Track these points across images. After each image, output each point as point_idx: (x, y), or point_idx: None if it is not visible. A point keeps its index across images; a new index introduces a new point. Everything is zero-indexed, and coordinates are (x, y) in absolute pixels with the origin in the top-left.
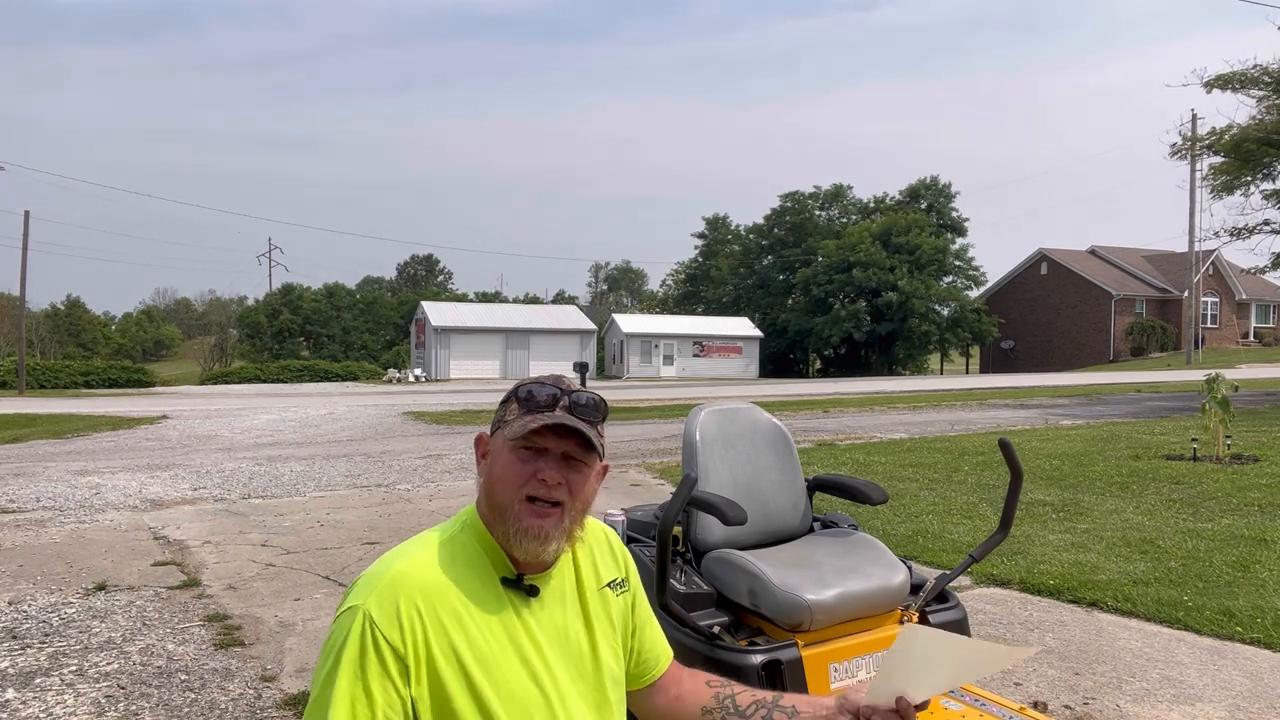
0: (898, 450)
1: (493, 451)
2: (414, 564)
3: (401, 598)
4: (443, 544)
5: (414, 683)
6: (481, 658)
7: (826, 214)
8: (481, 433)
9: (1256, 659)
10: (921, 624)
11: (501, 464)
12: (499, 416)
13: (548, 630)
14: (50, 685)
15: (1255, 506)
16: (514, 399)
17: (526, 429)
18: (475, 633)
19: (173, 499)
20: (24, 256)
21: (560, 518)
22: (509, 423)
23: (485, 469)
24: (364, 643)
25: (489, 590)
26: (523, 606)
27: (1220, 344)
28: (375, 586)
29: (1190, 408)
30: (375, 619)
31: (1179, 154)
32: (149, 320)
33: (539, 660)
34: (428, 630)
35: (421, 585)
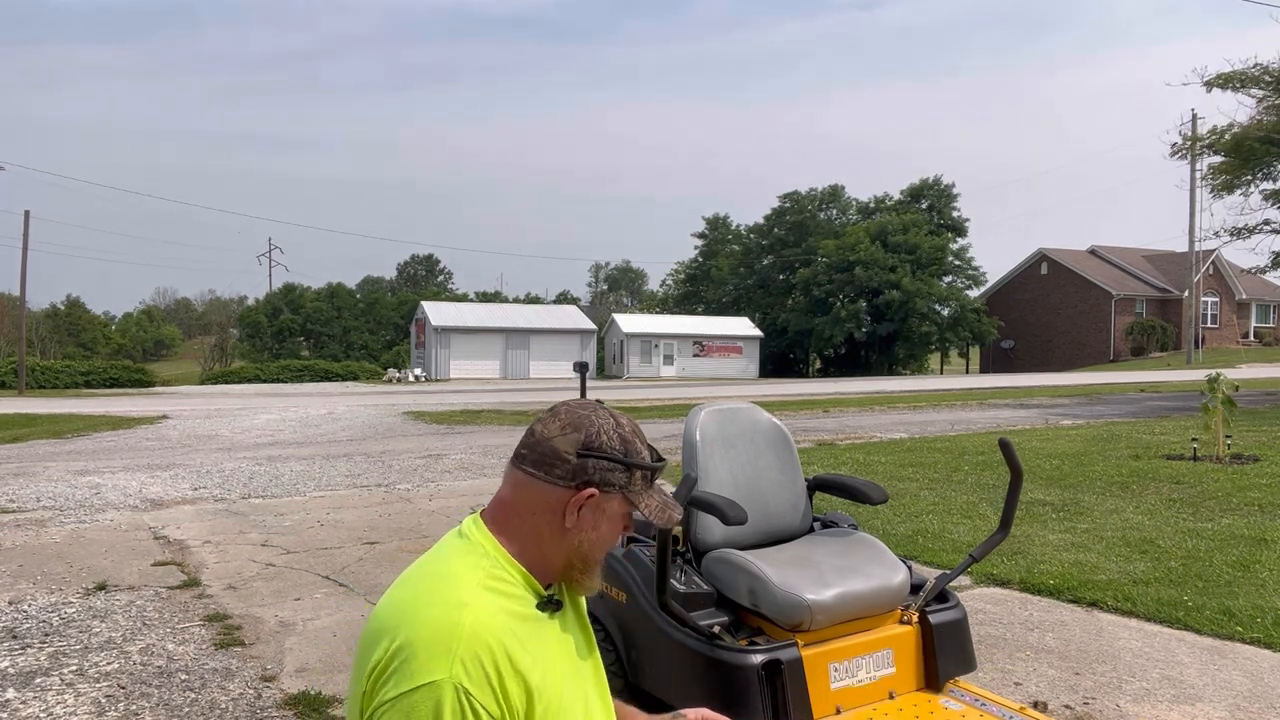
0: (898, 450)
1: (607, 513)
2: (479, 615)
3: (485, 658)
4: (486, 586)
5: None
6: (551, 693)
7: (826, 214)
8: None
9: (1256, 659)
10: (922, 623)
11: (610, 528)
12: (619, 479)
13: (575, 644)
14: (50, 685)
15: (1255, 506)
16: (636, 469)
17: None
18: (542, 670)
19: (173, 499)
20: (24, 256)
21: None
22: (636, 492)
23: (588, 526)
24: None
25: (533, 618)
26: (556, 624)
27: (1220, 344)
28: (453, 651)
29: (1190, 408)
30: (470, 691)
31: (1179, 153)
32: (149, 320)
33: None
34: (510, 686)
35: (496, 637)
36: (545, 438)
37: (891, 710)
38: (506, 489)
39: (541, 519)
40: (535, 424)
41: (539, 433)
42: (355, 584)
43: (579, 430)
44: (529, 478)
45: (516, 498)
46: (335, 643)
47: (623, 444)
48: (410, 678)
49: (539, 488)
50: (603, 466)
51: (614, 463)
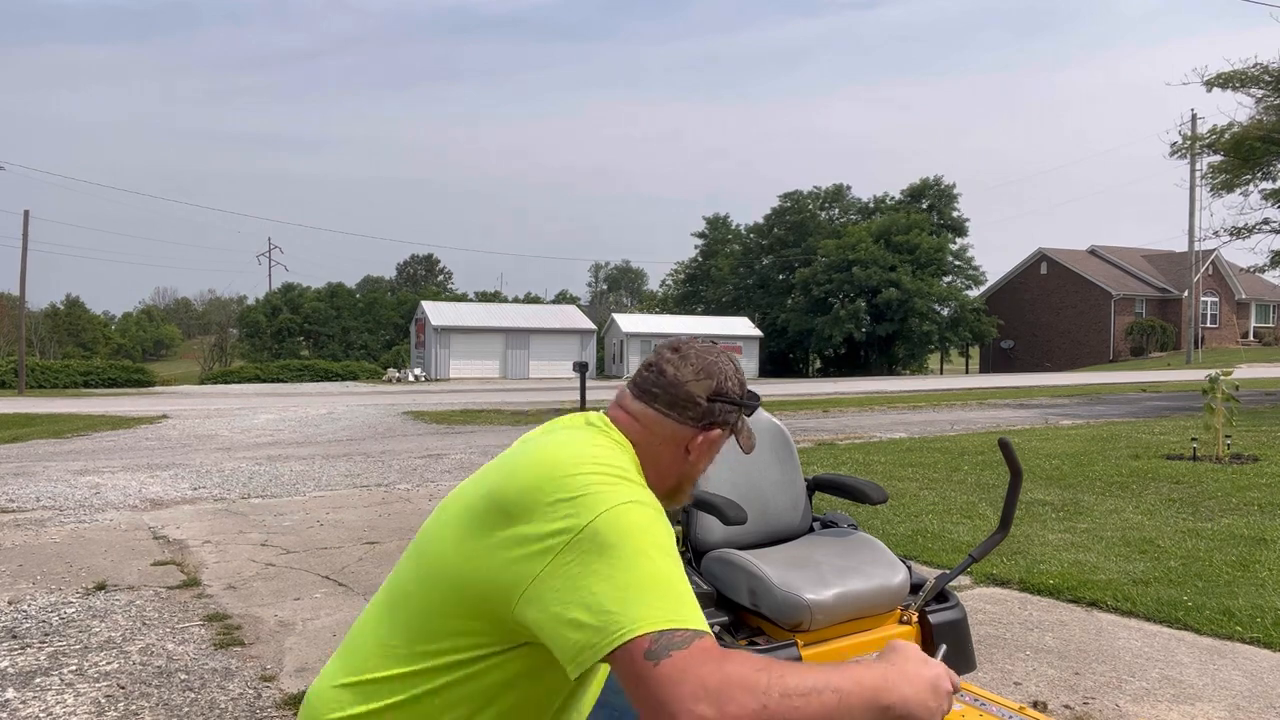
0: (898, 450)
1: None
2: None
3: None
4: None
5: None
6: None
7: (828, 213)
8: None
9: (1256, 659)
10: (922, 623)
11: (709, 459)
12: (726, 417)
13: None
14: (50, 685)
15: (1255, 506)
16: (740, 405)
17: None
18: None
19: (172, 498)
20: (24, 256)
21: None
22: (740, 430)
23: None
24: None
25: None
26: None
27: (1220, 344)
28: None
29: (1190, 408)
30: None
31: (1179, 153)
32: (149, 320)
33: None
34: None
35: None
36: (679, 381)
37: None
38: (635, 419)
39: (666, 449)
40: (663, 364)
41: (671, 376)
42: (355, 584)
43: (711, 378)
44: (661, 416)
45: (647, 429)
46: (335, 643)
47: (741, 388)
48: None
49: (670, 425)
50: (726, 409)
51: (735, 406)
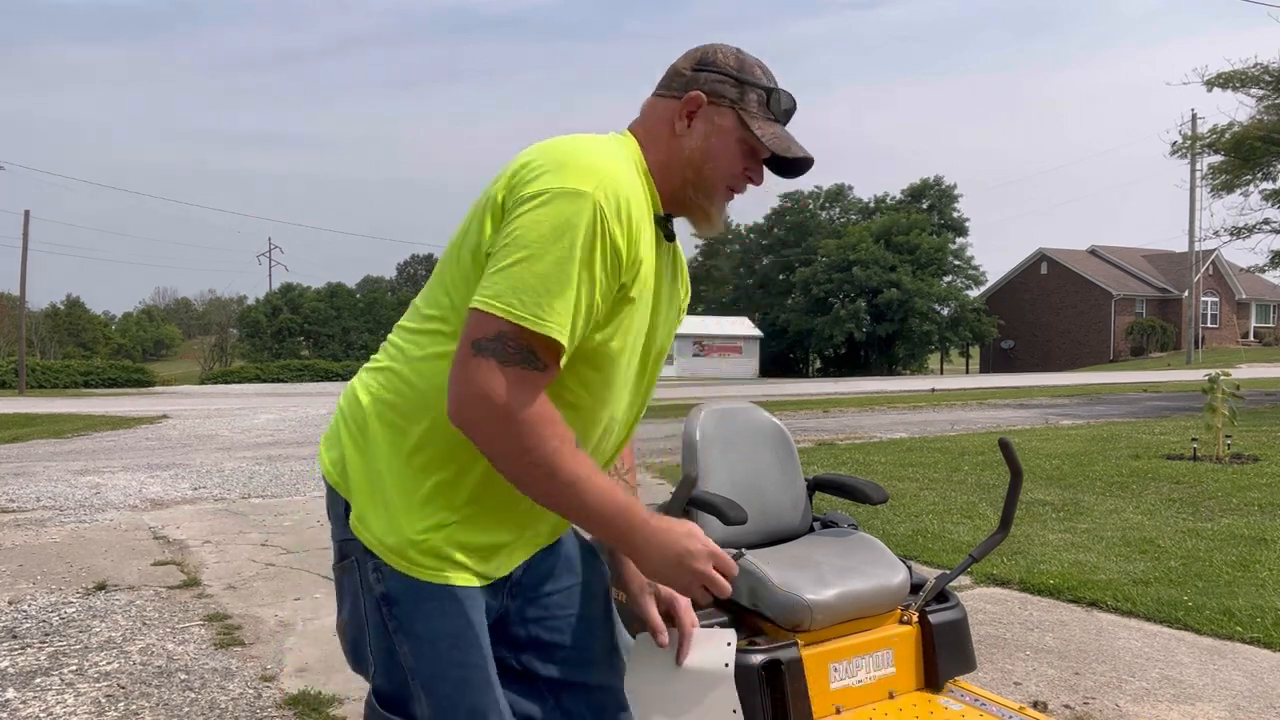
0: (898, 450)
1: (720, 128)
2: (620, 169)
3: (620, 197)
4: (625, 157)
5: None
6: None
7: (827, 213)
8: (698, 93)
9: (1256, 659)
10: (922, 623)
11: (724, 147)
12: (730, 93)
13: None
14: (50, 685)
15: (1255, 506)
16: (749, 86)
17: (789, 149)
18: (647, 252)
19: (173, 499)
20: (24, 256)
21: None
22: (753, 115)
23: (698, 135)
24: (594, 232)
25: (650, 216)
26: (663, 246)
27: (1220, 344)
28: (599, 179)
29: (1190, 408)
30: (606, 214)
31: (1179, 152)
32: (149, 320)
33: (660, 301)
34: (631, 239)
35: (633, 192)
36: (672, 65)
37: (891, 710)
38: (639, 116)
39: (661, 131)
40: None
41: (670, 67)
42: None
43: (699, 51)
44: (654, 99)
45: (644, 118)
46: (335, 642)
47: (739, 63)
48: (560, 179)
49: (659, 103)
50: (714, 79)
51: (725, 76)
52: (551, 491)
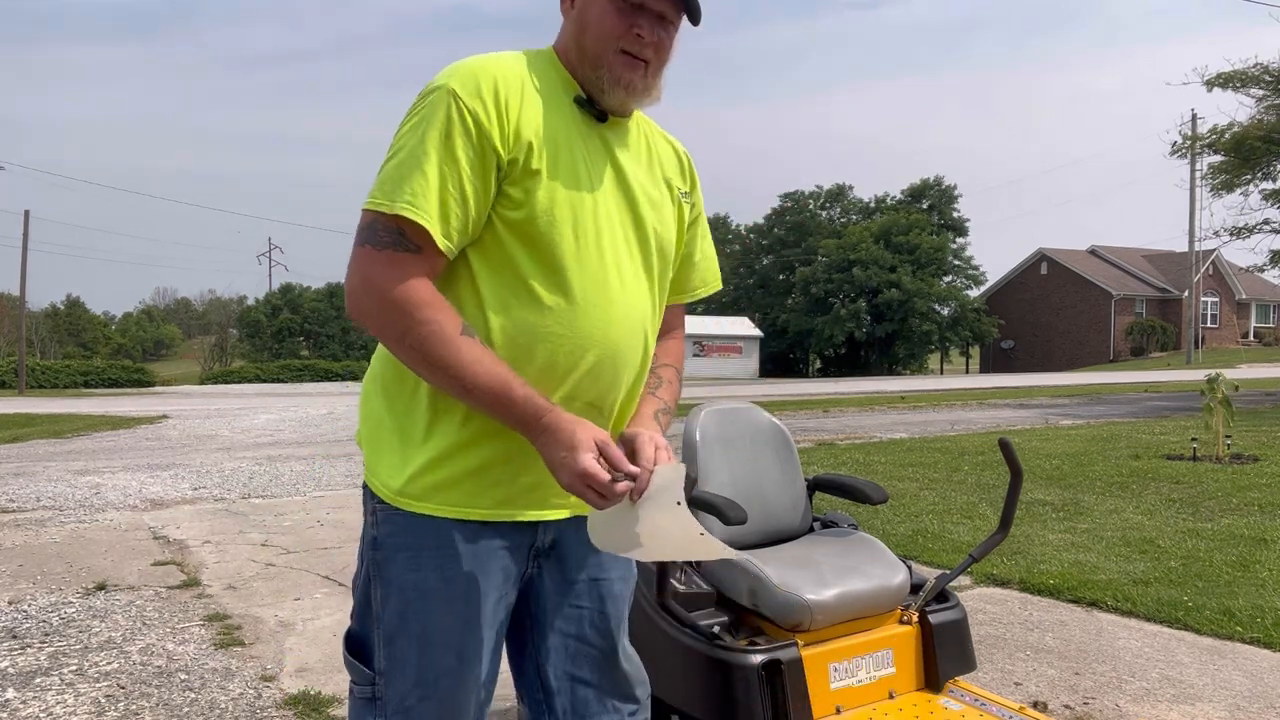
0: (898, 450)
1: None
2: (493, 58)
3: (483, 79)
4: (521, 54)
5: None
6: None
7: (828, 213)
8: None
9: (1256, 659)
10: (922, 623)
11: (598, 12)
12: None
13: (608, 160)
14: (50, 685)
15: (1255, 506)
16: None
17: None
18: (549, 141)
19: (173, 499)
20: (24, 256)
21: (645, 73)
22: None
23: (577, 10)
24: (449, 115)
25: (563, 100)
26: (591, 128)
27: (1220, 344)
28: (457, 71)
29: (1190, 408)
30: (460, 96)
31: (1179, 152)
32: (149, 320)
33: (593, 177)
34: (508, 108)
35: (502, 72)
36: None
37: (891, 710)
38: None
39: (563, 27)
40: None
41: None
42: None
43: None
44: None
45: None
46: (335, 642)
47: None
48: (424, 89)
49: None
50: None
51: None
52: (434, 378)
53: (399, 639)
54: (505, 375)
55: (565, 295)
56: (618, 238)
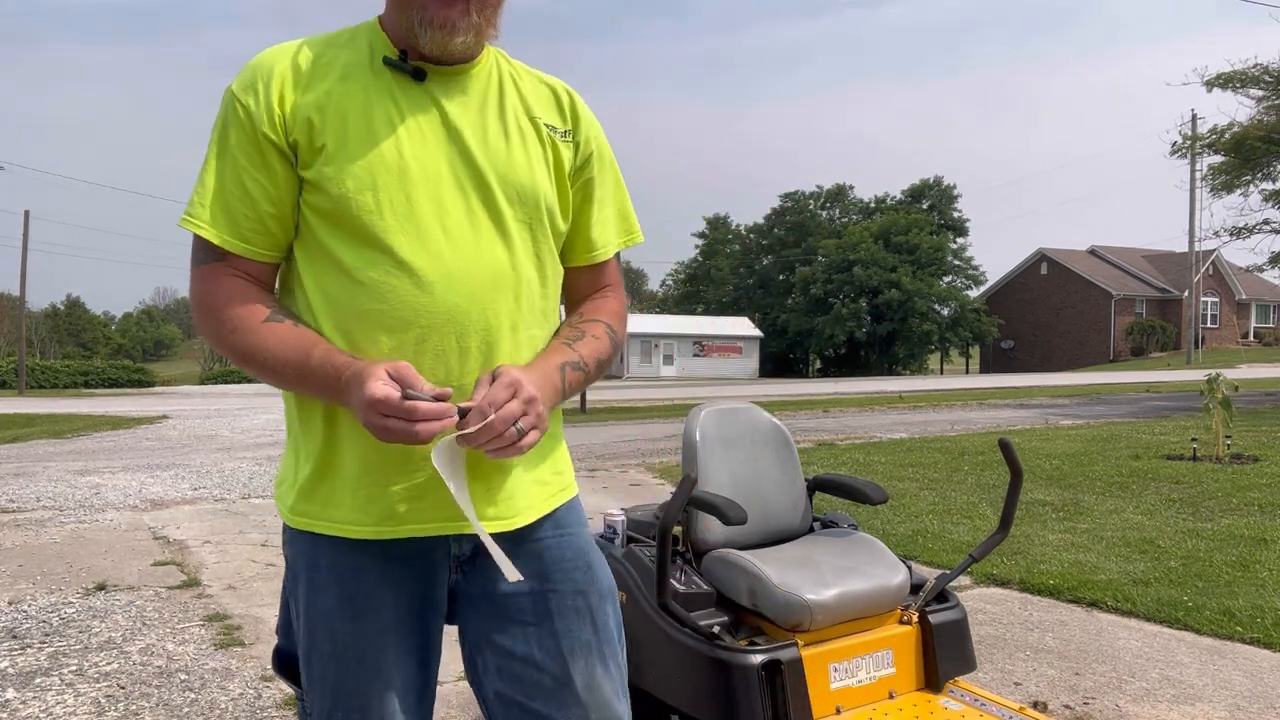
0: (898, 450)
1: None
2: (281, 46)
3: (259, 70)
4: (329, 34)
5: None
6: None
7: (828, 213)
8: None
9: (1256, 659)
10: (922, 623)
11: None
12: None
13: (434, 115)
14: (50, 685)
15: (1255, 506)
16: None
17: None
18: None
19: (173, 499)
20: (24, 256)
21: (466, 9)
22: None
23: None
24: (226, 115)
25: (366, 67)
26: (408, 86)
27: (1220, 344)
28: (242, 69)
29: (1190, 408)
30: (236, 93)
31: (1179, 153)
32: (149, 320)
33: (402, 138)
34: (285, 94)
35: (281, 57)
36: None
37: (891, 710)
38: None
39: None
40: None
41: None
42: None
43: None
44: None
45: None
46: None
47: None
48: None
49: None
50: None
51: None
52: (252, 371)
53: (313, 657)
54: (304, 344)
55: (377, 269)
56: (443, 195)
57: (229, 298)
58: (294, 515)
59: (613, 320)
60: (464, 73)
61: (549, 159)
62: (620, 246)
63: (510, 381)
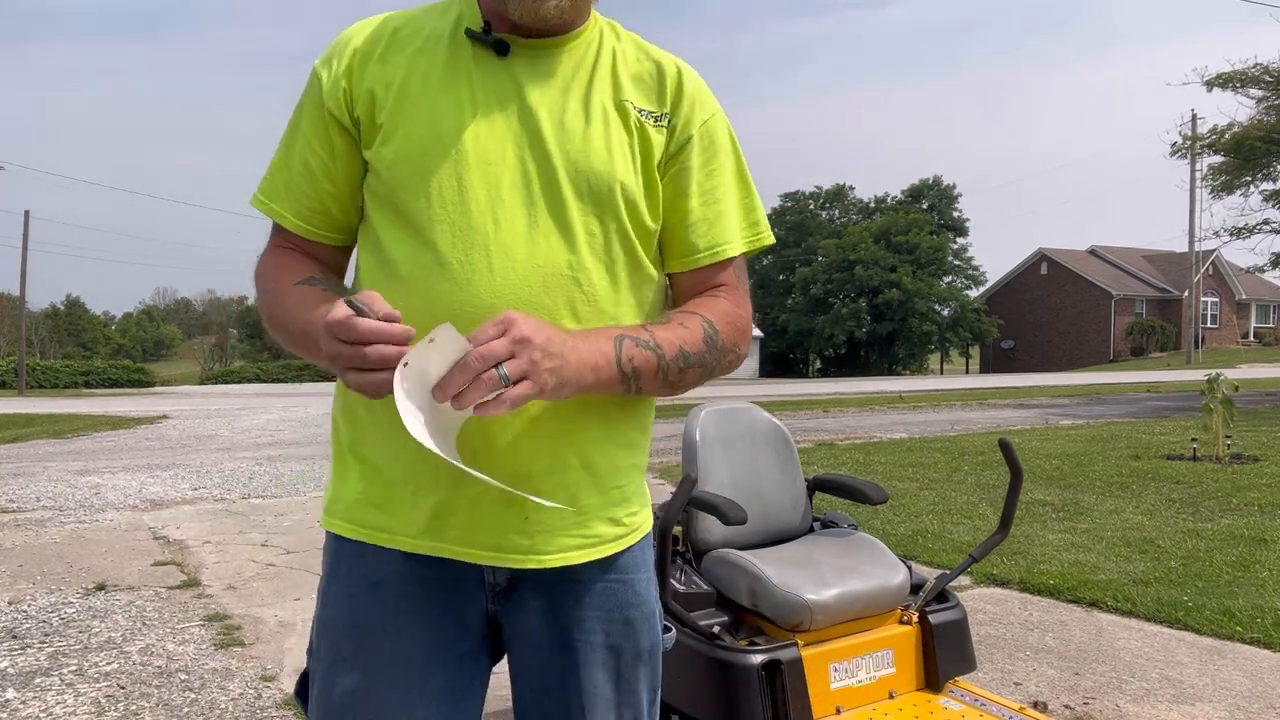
0: (898, 450)
1: None
2: (371, 18)
3: (340, 43)
4: (421, 7)
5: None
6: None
7: (828, 213)
8: None
9: (1256, 659)
10: (922, 623)
11: None
12: None
13: (510, 94)
14: (50, 685)
15: (1255, 506)
16: None
17: None
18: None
19: (173, 499)
20: (24, 256)
21: None
22: None
23: None
24: (306, 92)
25: (445, 40)
26: (484, 62)
27: (1220, 344)
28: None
29: (1190, 408)
30: (316, 66)
31: (1179, 153)
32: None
33: (467, 118)
34: (357, 66)
35: (365, 29)
36: None
37: (891, 710)
38: None
39: None
40: None
41: None
42: None
43: None
44: None
45: None
46: None
47: None
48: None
49: None
50: None
51: None
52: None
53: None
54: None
55: (419, 263)
56: (502, 184)
57: (275, 266)
58: (327, 515)
59: (715, 318)
60: (557, 46)
61: (634, 146)
62: (742, 250)
63: (503, 319)
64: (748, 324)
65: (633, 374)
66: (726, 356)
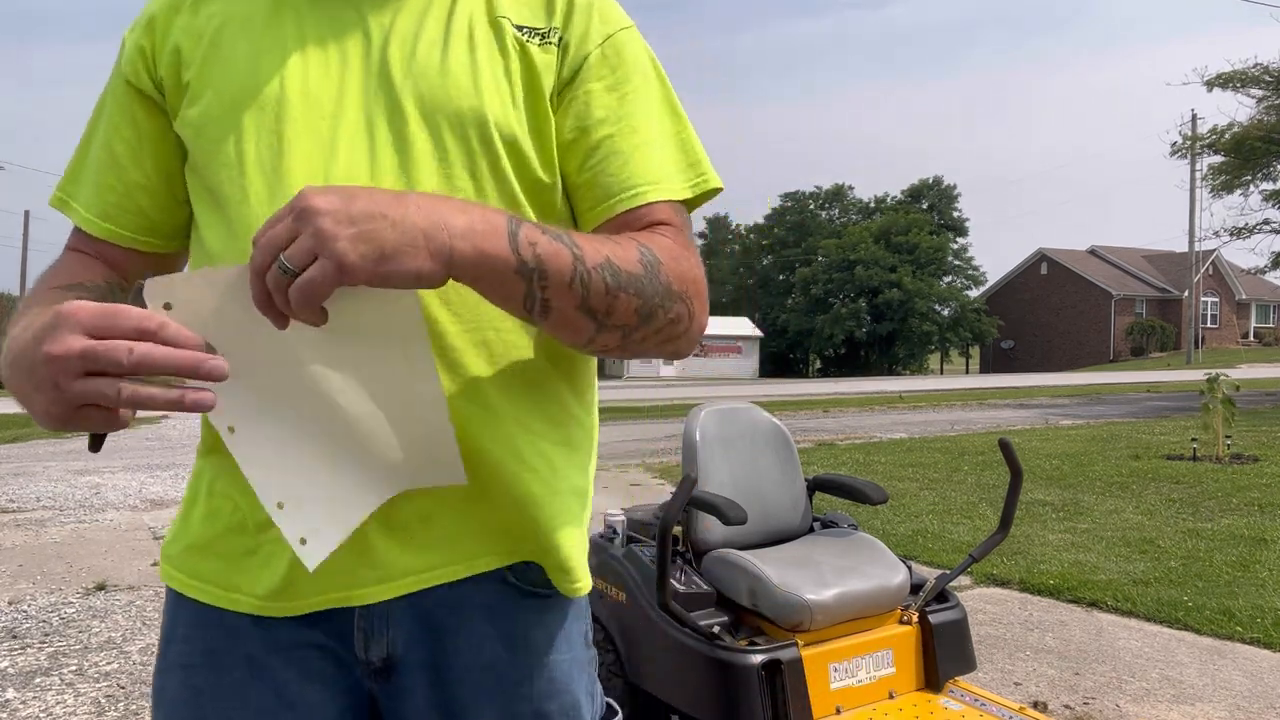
0: (898, 450)
1: None
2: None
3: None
4: None
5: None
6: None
7: (828, 213)
8: None
9: (1256, 659)
10: (922, 623)
11: None
12: None
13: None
14: (50, 685)
15: (1255, 506)
16: None
17: None
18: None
19: (173, 498)
20: (24, 256)
21: None
22: None
23: None
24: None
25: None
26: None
27: (1220, 344)
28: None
29: (1190, 408)
30: (124, 34)
31: (1179, 153)
32: None
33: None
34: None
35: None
36: None
37: (891, 710)
38: None
39: None
40: None
41: None
42: None
43: None
44: None
45: None
46: None
47: None
48: None
49: None
50: None
51: None
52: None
53: None
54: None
55: (234, 250)
56: (337, 136)
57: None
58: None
59: (654, 247)
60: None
61: (512, 72)
62: (681, 195)
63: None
64: (700, 280)
65: (536, 266)
66: (672, 301)
